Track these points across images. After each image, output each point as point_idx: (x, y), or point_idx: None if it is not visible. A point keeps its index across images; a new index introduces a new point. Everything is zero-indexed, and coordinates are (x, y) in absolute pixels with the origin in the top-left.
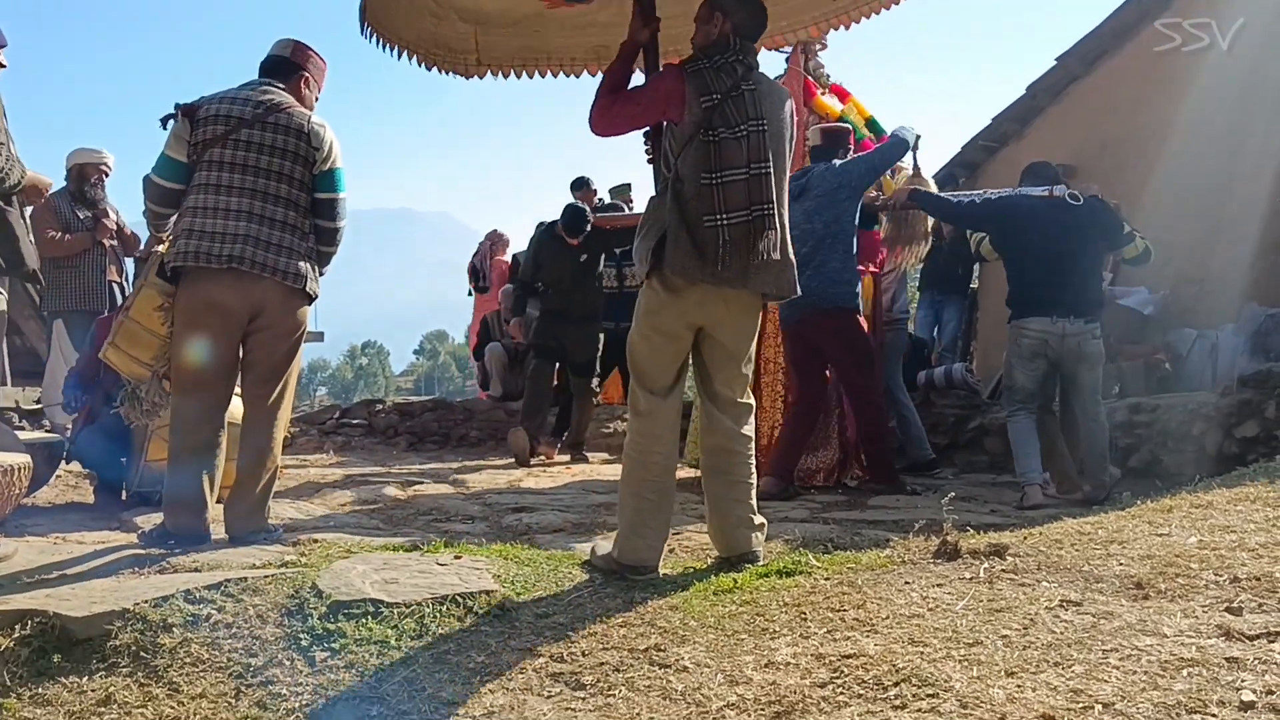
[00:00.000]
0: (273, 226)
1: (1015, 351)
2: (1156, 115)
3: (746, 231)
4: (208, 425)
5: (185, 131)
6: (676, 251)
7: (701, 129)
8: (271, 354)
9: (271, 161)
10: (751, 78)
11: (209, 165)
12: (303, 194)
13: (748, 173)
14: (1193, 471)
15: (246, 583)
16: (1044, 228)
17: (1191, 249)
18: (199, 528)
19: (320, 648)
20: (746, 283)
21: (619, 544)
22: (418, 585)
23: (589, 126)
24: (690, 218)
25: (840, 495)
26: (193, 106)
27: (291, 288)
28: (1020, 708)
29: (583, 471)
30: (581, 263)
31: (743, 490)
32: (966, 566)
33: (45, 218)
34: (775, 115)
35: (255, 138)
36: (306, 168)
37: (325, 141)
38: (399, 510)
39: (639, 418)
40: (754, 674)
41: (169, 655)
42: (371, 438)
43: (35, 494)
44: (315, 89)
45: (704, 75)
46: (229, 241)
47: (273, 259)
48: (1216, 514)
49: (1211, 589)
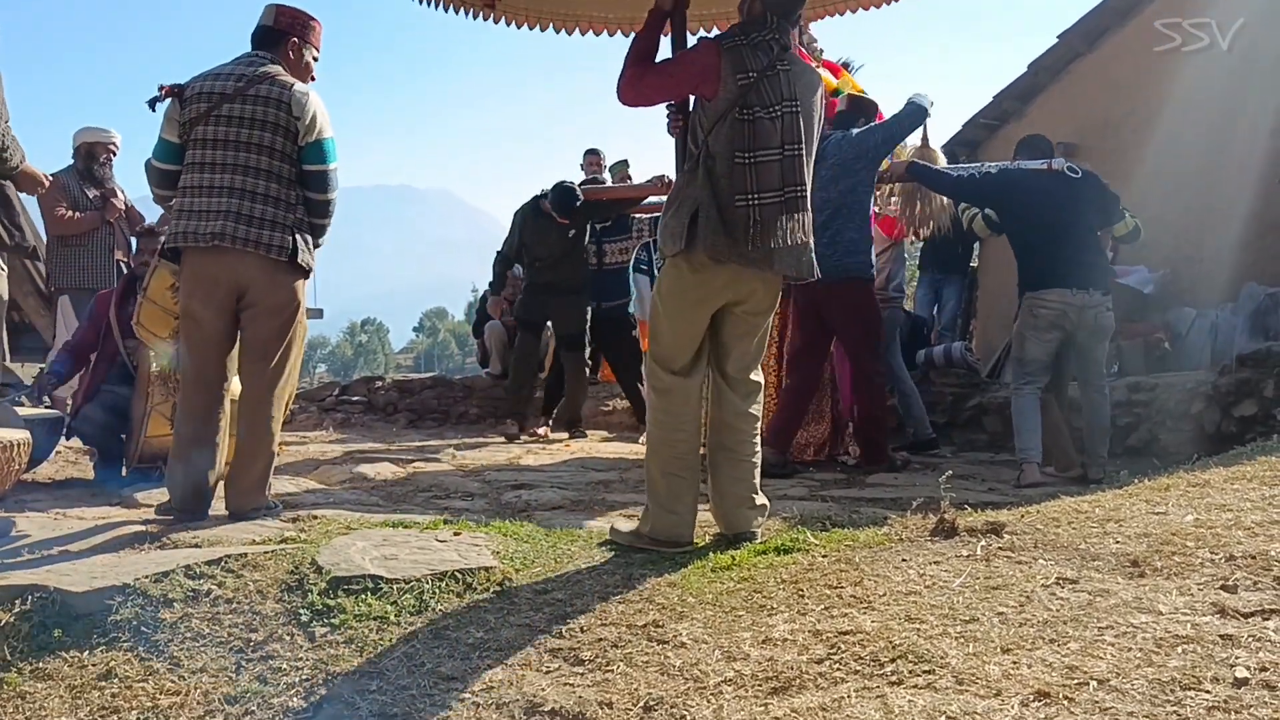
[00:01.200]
0: (254, 200)
1: (1030, 324)
2: (1157, 93)
3: (777, 212)
4: (207, 402)
5: (175, 112)
6: (708, 230)
7: (737, 107)
8: (262, 330)
9: (252, 134)
10: (786, 58)
11: (195, 144)
12: (285, 165)
13: (782, 153)
14: (1191, 450)
15: (246, 558)
16: (1046, 200)
17: (1191, 228)
18: (200, 504)
19: (320, 623)
20: (771, 264)
21: (652, 520)
22: (417, 561)
23: (617, 96)
24: (721, 196)
25: (838, 473)
26: (181, 86)
27: (276, 260)
28: (1016, 684)
29: (582, 449)
30: (569, 237)
31: (746, 469)
32: (964, 544)
33: (55, 196)
34: (807, 97)
35: (236, 111)
36: (289, 139)
37: (307, 110)
38: (398, 487)
39: (661, 395)
40: (751, 650)
41: (169, 630)
42: (371, 415)
43: (35, 470)
44: (310, 50)
45: (740, 52)
46: (213, 219)
47: (255, 233)
48: (1213, 492)
49: (1207, 567)
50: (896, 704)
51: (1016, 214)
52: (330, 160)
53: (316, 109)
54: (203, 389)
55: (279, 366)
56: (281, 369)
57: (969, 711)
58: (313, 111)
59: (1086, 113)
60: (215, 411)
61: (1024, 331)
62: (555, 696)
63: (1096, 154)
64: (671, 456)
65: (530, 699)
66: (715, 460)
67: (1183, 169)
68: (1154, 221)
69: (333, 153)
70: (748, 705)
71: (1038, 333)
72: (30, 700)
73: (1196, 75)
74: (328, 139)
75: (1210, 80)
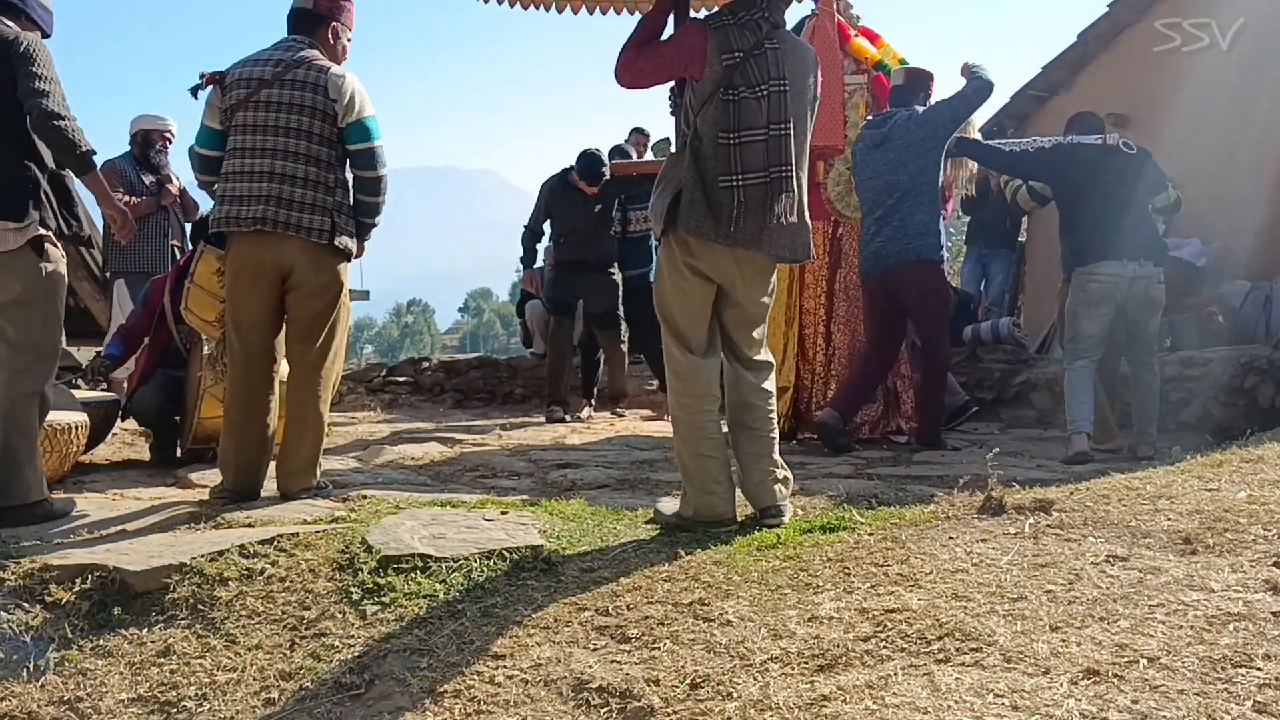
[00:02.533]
0: (294, 184)
1: (1082, 299)
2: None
3: (763, 193)
4: (256, 384)
5: (217, 99)
6: (690, 210)
7: (722, 87)
8: (306, 311)
9: (291, 119)
10: (776, 36)
11: (237, 130)
12: (324, 149)
13: (767, 133)
14: (1244, 425)
15: (299, 538)
16: (1102, 174)
17: (1245, 200)
18: (253, 484)
19: (371, 601)
20: (760, 245)
21: (693, 503)
22: (465, 540)
23: (615, 77)
24: (706, 177)
25: (885, 451)
26: (222, 74)
27: (318, 244)
28: (1065, 662)
29: (626, 428)
30: (596, 212)
31: (766, 444)
32: (1011, 522)
33: (111, 181)
34: (798, 75)
35: (275, 97)
36: (328, 121)
37: (345, 92)
38: (446, 467)
39: (679, 378)
40: (797, 628)
41: (225, 608)
42: (418, 395)
43: (93, 451)
44: (346, 33)
45: (727, 32)
46: (255, 204)
47: (296, 216)
48: (1267, 469)
49: (1260, 544)
50: (944, 682)
51: (1071, 187)
52: (374, 138)
53: (354, 89)
54: (251, 371)
55: (324, 347)
56: (327, 350)
57: (1017, 689)
58: (350, 92)
59: (1137, 83)
60: (265, 393)
61: (1075, 307)
62: (602, 673)
63: (1148, 125)
64: (700, 438)
65: (578, 676)
66: (737, 439)
67: (1235, 140)
68: (1207, 194)
69: (375, 130)
70: (794, 683)
71: (1090, 307)
72: (91, 676)
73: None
74: (368, 117)
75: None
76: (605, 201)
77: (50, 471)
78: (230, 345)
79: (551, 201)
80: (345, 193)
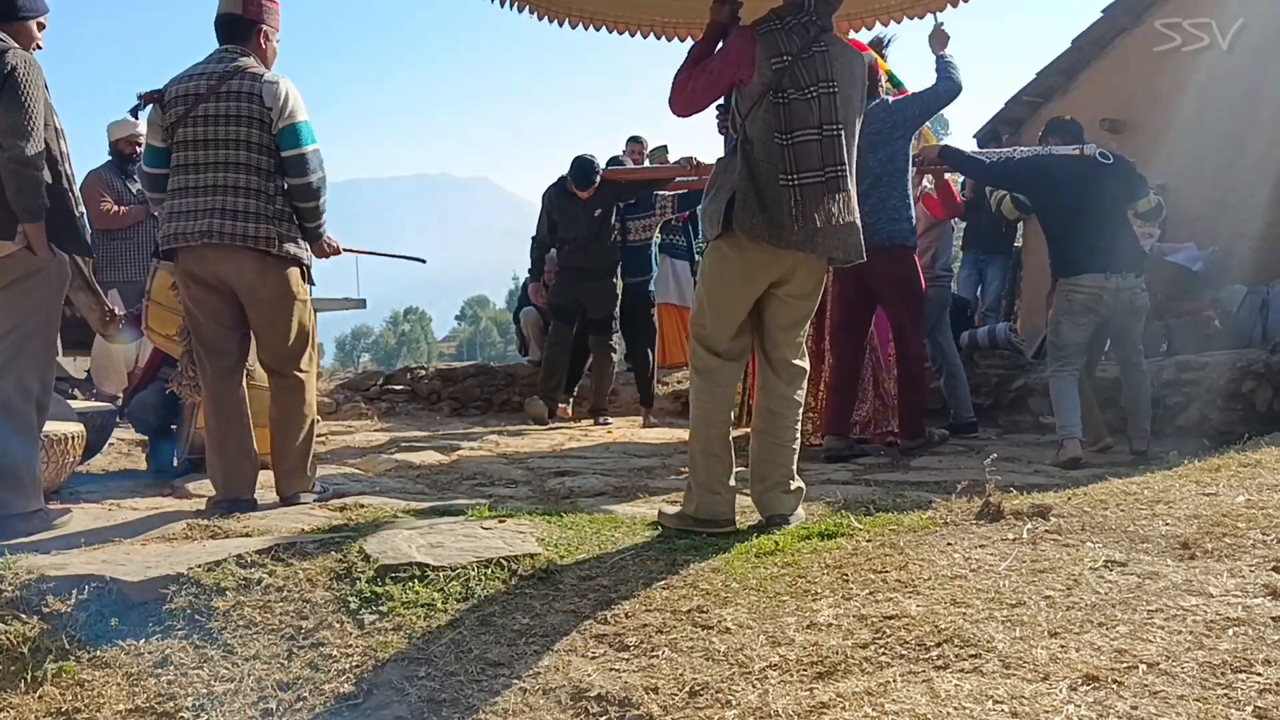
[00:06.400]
0: (237, 194)
1: (1066, 308)
2: (1203, 66)
3: (820, 192)
4: (228, 392)
5: (158, 117)
6: (745, 213)
7: (771, 90)
8: (266, 321)
9: (229, 130)
10: (824, 39)
11: (179, 146)
12: (265, 157)
13: (820, 133)
14: (1242, 429)
15: (296, 547)
16: (1080, 186)
17: (1241, 203)
18: (245, 491)
19: (368, 610)
20: (815, 247)
21: (695, 501)
22: (463, 549)
23: (670, 108)
24: (760, 179)
25: (882, 457)
26: (161, 91)
27: (264, 252)
28: (1064, 668)
29: (624, 435)
30: (595, 217)
31: (784, 455)
32: (1009, 527)
33: (99, 192)
34: (845, 77)
35: (212, 110)
36: (264, 129)
37: (279, 97)
38: (443, 475)
39: (702, 376)
40: (796, 635)
41: (223, 618)
42: (415, 403)
43: (89, 461)
44: (275, 35)
45: (775, 37)
46: (200, 218)
47: (241, 226)
48: (1265, 473)
49: (1259, 548)
50: (943, 688)
51: (1048, 199)
52: (305, 143)
53: (288, 93)
54: (220, 382)
55: (295, 350)
56: (299, 353)
57: (1016, 695)
58: (282, 97)
59: (1133, 87)
60: (238, 402)
61: (1059, 316)
62: (601, 682)
63: (1143, 129)
64: (713, 437)
65: (576, 684)
66: (756, 445)
67: (1230, 144)
68: (1203, 198)
69: (307, 135)
70: (793, 690)
71: (1073, 317)
72: (89, 688)
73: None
74: (300, 122)
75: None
76: (604, 207)
77: (47, 481)
78: (197, 358)
79: (552, 209)
80: (292, 198)
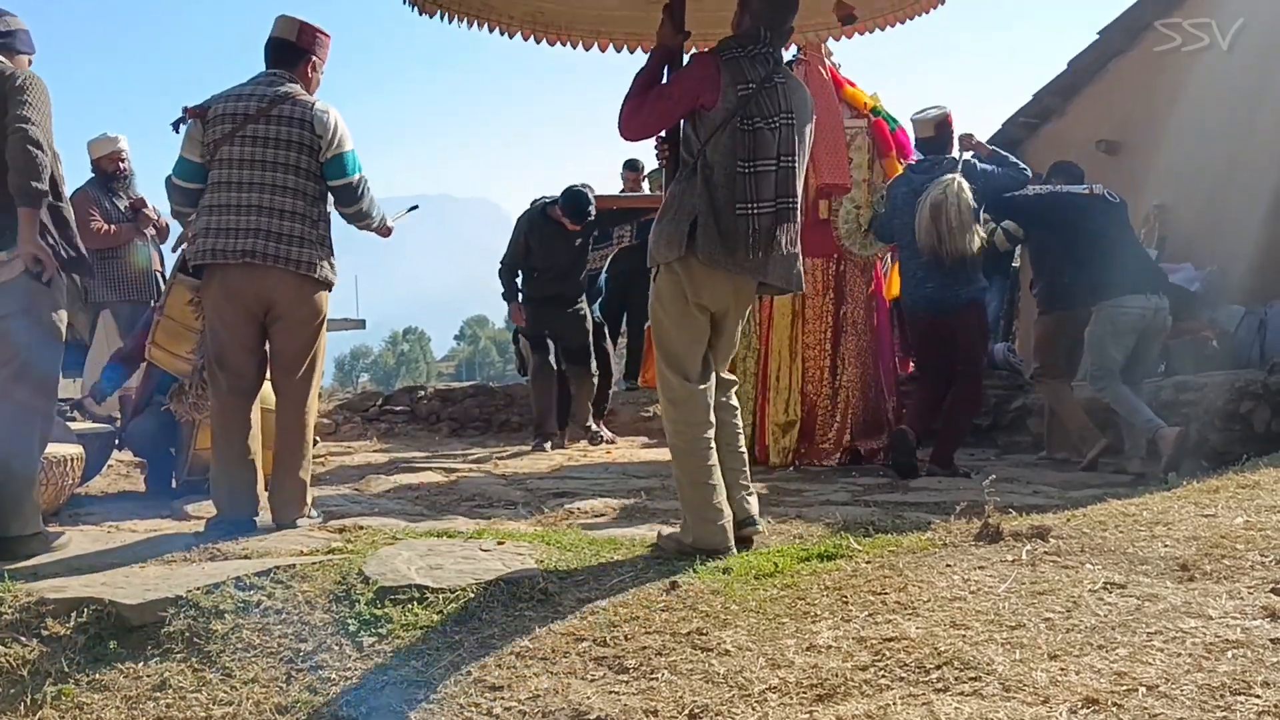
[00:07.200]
0: (283, 218)
1: (1110, 330)
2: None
3: (772, 222)
4: (243, 413)
5: (198, 132)
6: (706, 239)
7: (737, 117)
8: (292, 342)
9: (278, 154)
10: (781, 71)
11: (221, 163)
12: (310, 183)
13: (777, 164)
14: (1240, 450)
15: (295, 569)
16: (1101, 219)
17: (1238, 223)
18: (246, 514)
19: (368, 633)
20: (765, 273)
21: (691, 530)
22: (462, 570)
23: (620, 132)
24: (719, 204)
25: (881, 477)
26: (203, 107)
27: (304, 276)
28: (1063, 690)
29: (622, 455)
30: (576, 248)
31: (739, 459)
32: (1009, 549)
33: (88, 211)
34: (802, 111)
35: (261, 132)
36: (313, 156)
37: (329, 127)
38: (442, 496)
39: (678, 405)
40: (796, 657)
41: (221, 641)
42: (414, 424)
43: (88, 483)
44: (322, 66)
45: (740, 64)
46: (243, 236)
47: (284, 249)
48: (1263, 494)
49: (1257, 570)
50: (943, 711)
51: (1068, 230)
52: (351, 172)
53: (337, 124)
54: (236, 401)
55: (308, 375)
56: (310, 377)
57: (1017, 719)
58: (333, 126)
59: (1129, 109)
60: (250, 423)
61: (1103, 338)
62: (600, 704)
63: (1139, 150)
64: (699, 465)
65: (576, 707)
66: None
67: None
68: (1199, 217)
69: (353, 164)
70: (793, 713)
71: (1119, 338)
72: (88, 711)
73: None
74: (348, 152)
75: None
76: (585, 238)
77: (46, 504)
78: (213, 376)
79: (531, 236)
80: (328, 225)
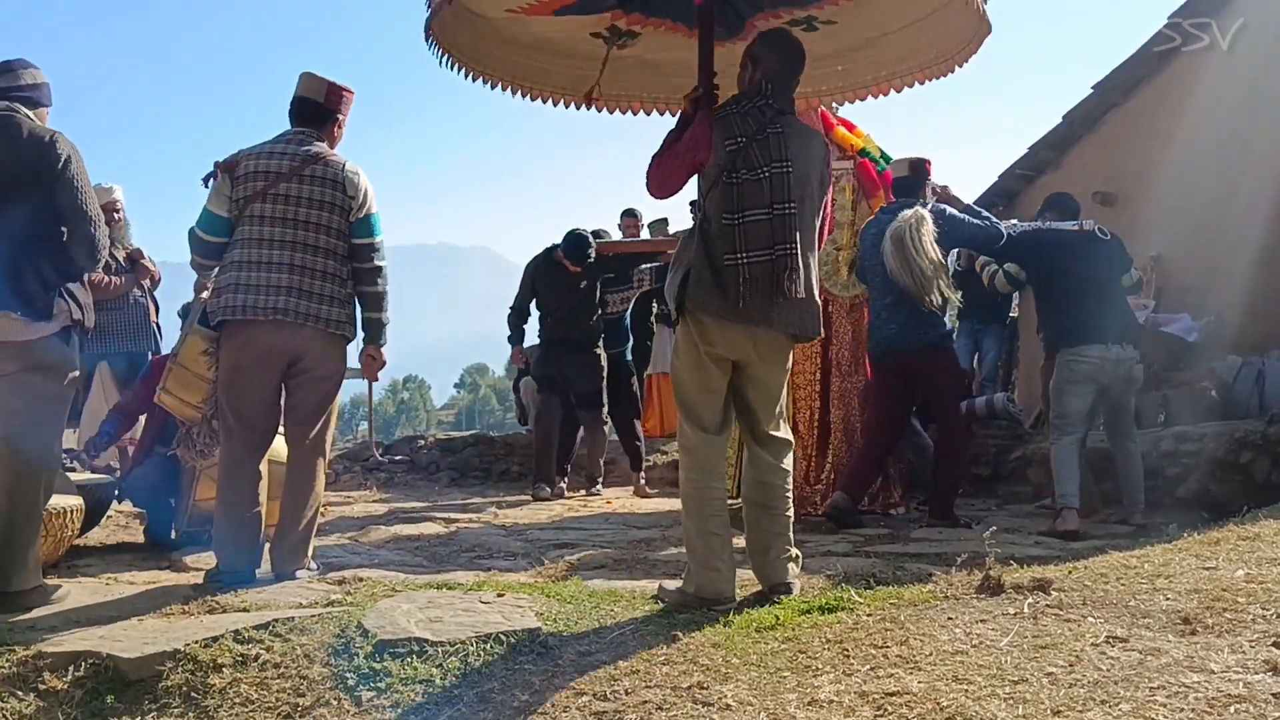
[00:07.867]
0: (313, 276)
1: (1069, 378)
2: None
3: (769, 270)
4: (252, 465)
5: (226, 187)
6: (699, 288)
7: (725, 171)
8: (312, 396)
9: (310, 213)
10: (780, 121)
11: (250, 220)
12: (340, 242)
13: (770, 213)
14: (1240, 501)
15: (294, 622)
16: (1083, 260)
17: (1235, 275)
18: (248, 567)
19: (366, 687)
20: (771, 322)
21: (695, 580)
22: (462, 624)
23: (648, 191)
24: (713, 256)
25: (882, 528)
26: (232, 162)
27: (332, 333)
28: None
29: (623, 505)
30: (582, 289)
31: (783, 523)
32: (1010, 601)
33: None
34: (802, 156)
35: (294, 191)
36: (343, 216)
37: (360, 189)
38: (442, 547)
39: (690, 454)
40: (797, 712)
41: (219, 695)
42: (414, 474)
43: (87, 534)
44: (345, 124)
45: (730, 120)
46: (272, 294)
47: (315, 307)
48: (1264, 546)
49: (1259, 623)
50: None
51: (1051, 270)
52: (376, 234)
53: (367, 186)
54: (249, 452)
55: (324, 428)
56: (325, 431)
57: None
58: (364, 189)
59: (1123, 161)
60: (259, 475)
61: (1062, 386)
62: None
63: (1134, 202)
64: (708, 515)
65: None
66: (753, 516)
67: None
68: (1196, 269)
69: (378, 226)
70: None
71: (1075, 386)
72: None
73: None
74: (374, 214)
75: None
76: (590, 280)
77: (45, 555)
78: (226, 427)
79: (537, 280)
80: (357, 281)
